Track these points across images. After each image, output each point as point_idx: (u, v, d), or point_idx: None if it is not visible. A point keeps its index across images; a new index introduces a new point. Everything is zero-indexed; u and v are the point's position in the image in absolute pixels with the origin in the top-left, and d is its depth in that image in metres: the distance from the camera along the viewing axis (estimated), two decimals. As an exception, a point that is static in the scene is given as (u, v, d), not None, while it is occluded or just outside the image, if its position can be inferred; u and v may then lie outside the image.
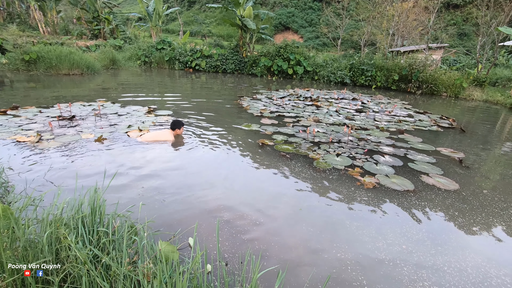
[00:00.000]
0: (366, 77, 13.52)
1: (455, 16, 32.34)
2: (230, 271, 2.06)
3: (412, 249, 2.45)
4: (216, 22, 36.74)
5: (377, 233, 2.62)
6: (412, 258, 2.34)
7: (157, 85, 10.43)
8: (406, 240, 2.56)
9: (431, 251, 2.45)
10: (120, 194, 2.94)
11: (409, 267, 2.23)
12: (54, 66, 11.09)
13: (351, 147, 4.85)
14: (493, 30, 13.56)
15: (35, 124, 4.96)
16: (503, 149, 5.57)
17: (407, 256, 2.36)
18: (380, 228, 2.71)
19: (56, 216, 1.75)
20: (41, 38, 15.63)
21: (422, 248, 2.48)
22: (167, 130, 4.81)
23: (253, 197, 3.16)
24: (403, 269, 2.21)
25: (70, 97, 7.37)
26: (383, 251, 2.39)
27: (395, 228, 2.72)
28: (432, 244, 2.54)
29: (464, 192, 3.53)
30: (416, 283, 2.09)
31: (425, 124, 6.91)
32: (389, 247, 2.45)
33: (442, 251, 2.46)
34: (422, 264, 2.28)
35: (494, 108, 10.41)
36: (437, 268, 2.25)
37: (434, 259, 2.35)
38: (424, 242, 2.56)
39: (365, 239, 2.53)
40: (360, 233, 2.61)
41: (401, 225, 2.77)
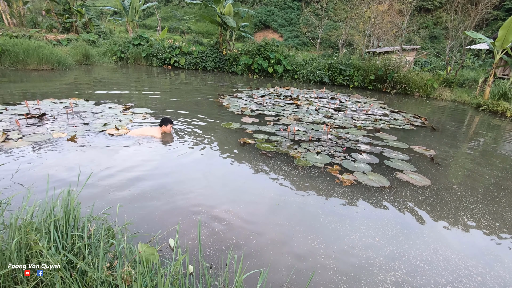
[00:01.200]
0: (344, 76, 13.86)
1: (426, 19, 33.88)
2: (212, 271, 2.04)
3: (385, 242, 2.55)
4: (196, 18, 36.10)
5: (352, 228, 2.70)
6: (385, 251, 2.44)
7: (134, 82, 10.10)
8: (380, 234, 2.66)
9: (404, 246, 2.56)
10: (96, 195, 2.83)
11: (381, 259, 2.32)
12: (21, 61, 10.42)
13: (330, 145, 4.96)
14: (460, 34, 14.37)
15: (0, 123, 4.64)
16: (470, 146, 5.93)
17: (381, 249, 2.45)
18: (357, 223, 2.80)
19: (26, 220, 1.64)
20: (6, 30, 14.62)
21: (395, 241, 2.58)
22: (156, 127, 4.82)
23: (234, 196, 3.14)
24: (375, 260, 2.30)
25: (39, 94, 6.97)
26: (360, 245, 2.47)
27: (371, 223, 2.82)
28: (405, 238, 2.66)
29: (435, 188, 3.72)
30: (387, 273, 2.18)
31: (399, 122, 7.20)
32: (366, 240, 2.53)
33: (414, 245, 2.58)
34: (395, 257, 2.38)
35: (462, 107, 11.05)
36: (411, 263, 2.36)
37: (407, 252, 2.46)
38: (398, 236, 2.67)
39: (344, 234, 2.61)
40: (338, 228, 2.68)
41: (377, 220, 2.88)
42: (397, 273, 2.20)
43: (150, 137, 4.61)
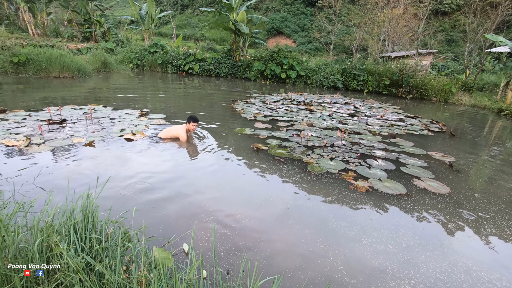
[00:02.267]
0: (358, 81, 13.70)
1: (443, 23, 33.17)
2: (226, 277, 2.04)
3: (402, 252, 2.47)
4: (209, 26, 36.79)
5: (363, 233, 2.64)
6: (403, 260, 2.36)
7: (149, 89, 10.35)
8: (396, 243, 2.59)
9: (421, 257, 2.47)
10: (113, 199, 2.89)
11: (398, 268, 2.25)
12: (44, 69, 10.90)
13: (345, 151, 4.89)
14: (480, 37, 13.95)
15: (24, 128, 4.86)
16: (491, 153, 5.70)
17: (398, 259, 2.38)
18: (368, 229, 2.73)
19: (47, 223, 1.70)
20: (31, 40, 15.36)
21: (413, 251, 2.50)
22: (182, 125, 4.89)
23: (247, 201, 3.14)
24: (388, 271, 2.23)
25: (61, 100, 7.25)
26: (374, 253, 2.41)
27: (388, 232, 2.74)
28: (422, 248, 2.57)
29: (455, 196, 3.59)
30: (403, 281, 2.11)
31: (416, 128, 7.02)
32: (381, 248, 2.47)
33: (432, 255, 2.49)
34: (413, 266, 2.30)
35: (482, 112, 10.67)
36: (429, 275, 2.27)
37: (426, 263, 2.37)
38: (415, 246, 2.59)
39: (355, 239, 2.55)
40: (353, 236, 2.62)
41: (394, 229, 2.80)
42: (412, 281, 2.13)
43: (171, 141, 4.73)
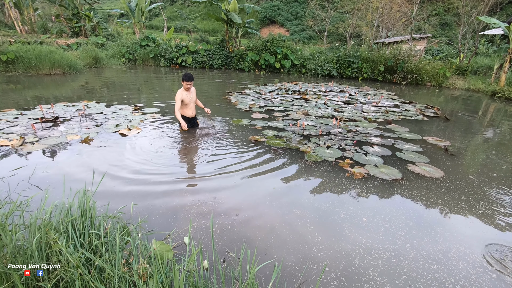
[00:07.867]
0: (353, 69, 13.64)
1: (437, 6, 32.88)
2: (226, 266, 2.07)
3: (399, 236, 2.52)
4: (201, 17, 36.13)
5: (367, 222, 2.68)
6: (400, 245, 2.41)
7: (143, 83, 10.22)
8: (390, 227, 2.63)
9: (414, 240, 2.52)
10: (110, 195, 2.89)
11: (397, 254, 2.30)
12: (34, 66, 10.69)
13: (341, 139, 4.91)
14: (473, 20, 13.89)
15: (16, 127, 4.79)
16: (486, 135, 5.76)
17: (396, 244, 2.42)
18: (370, 215, 2.77)
19: (45, 220, 1.70)
20: (19, 37, 15.02)
21: (409, 235, 2.55)
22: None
23: (245, 192, 3.16)
24: (385, 254, 2.28)
25: (52, 98, 7.15)
26: (369, 238, 2.45)
27: (382, 217, 2.78)
28: (417, 231, 2.62)
29: (448, 179, 3.63)
30: (398, 263, 2.15)
31: (411, 113, 7.05)
32: (379, 234, 2.51)
33: (427, 240, 2.54)
34: (412, 251, 2.35)
35: (476, 96, 10.72)
36: (423, 258, 2.32)
37: (419, 247, 2.42)
38: (411, 229, 2.63)
39: (355, 228, 2.59)
40: (351, 223, 2.66)
41: (388, 214, 2.84)
42: (406, 261, 2.18)
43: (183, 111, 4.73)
